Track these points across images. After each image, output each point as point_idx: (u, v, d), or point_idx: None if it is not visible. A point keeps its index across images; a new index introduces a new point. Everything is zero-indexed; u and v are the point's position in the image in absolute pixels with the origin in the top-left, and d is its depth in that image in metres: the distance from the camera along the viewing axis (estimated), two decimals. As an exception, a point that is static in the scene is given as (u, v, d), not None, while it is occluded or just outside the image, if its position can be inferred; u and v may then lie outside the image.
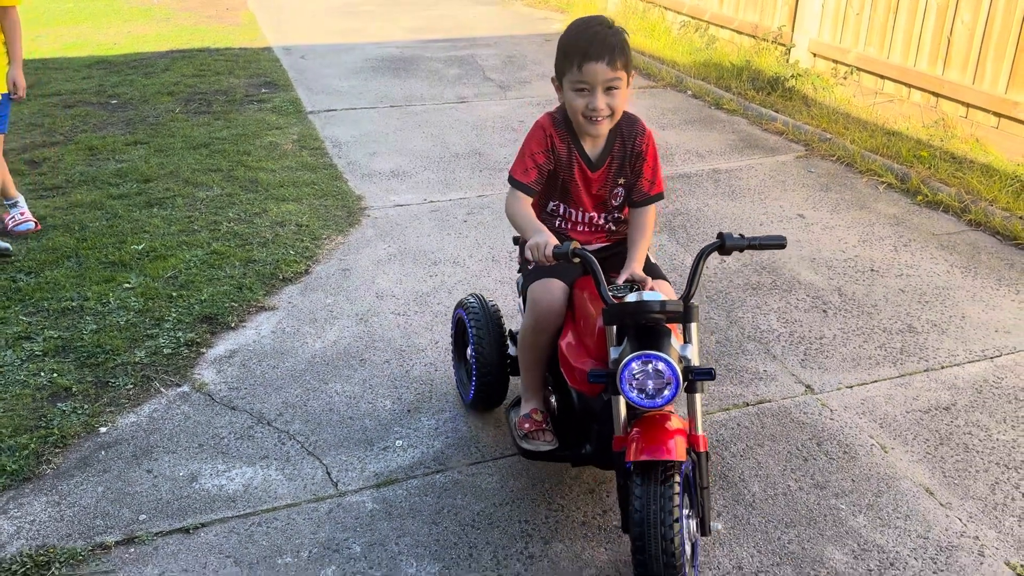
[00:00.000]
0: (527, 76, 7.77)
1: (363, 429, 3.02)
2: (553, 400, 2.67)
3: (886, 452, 2.92)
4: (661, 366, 2.09)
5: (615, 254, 2.62)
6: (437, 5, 11.13)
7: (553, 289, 2.52)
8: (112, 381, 3.24)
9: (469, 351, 2.93)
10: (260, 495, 2.70)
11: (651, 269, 2.60)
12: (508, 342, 2.94)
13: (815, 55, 7.30)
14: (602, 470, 2.69)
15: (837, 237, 4.56)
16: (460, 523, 2.58)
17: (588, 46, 2.39)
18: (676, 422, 2.19)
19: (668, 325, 2.22)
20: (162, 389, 3.22)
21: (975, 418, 3.09)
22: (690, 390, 2.20)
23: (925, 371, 3.38)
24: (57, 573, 2.39)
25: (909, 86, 6.36)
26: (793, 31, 7.44)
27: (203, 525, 2.58)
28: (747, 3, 8.13)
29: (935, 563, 2.45)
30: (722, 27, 8.49)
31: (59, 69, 7.77)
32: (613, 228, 2.71)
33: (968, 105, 5.87)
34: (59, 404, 3.09)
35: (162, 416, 3.07)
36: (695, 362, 2.21)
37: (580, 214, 2.66)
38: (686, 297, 2.24)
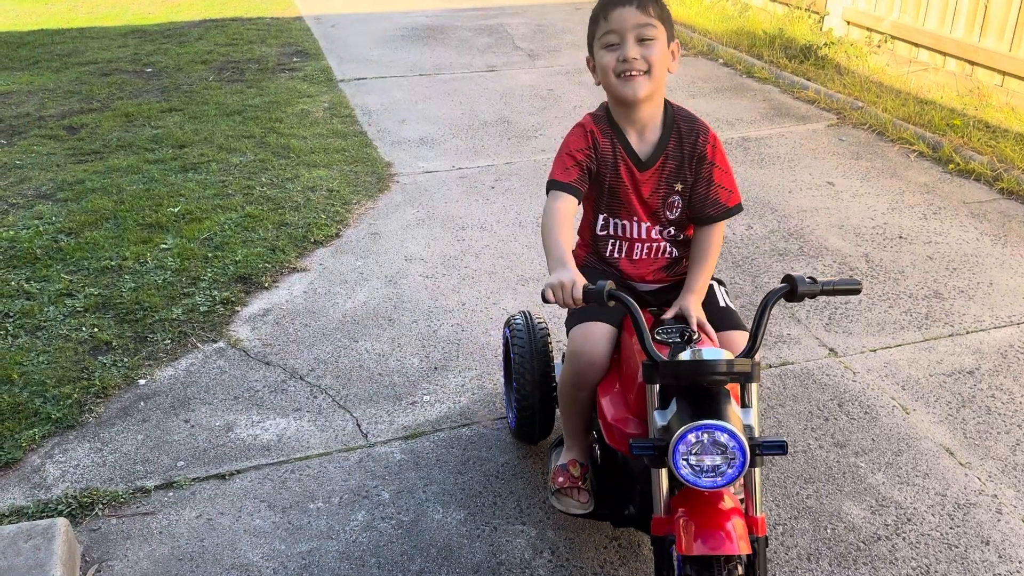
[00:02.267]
0: (557, 45, 7.76)
1: (392, 385, 3.10)
2: (598, 449, 2.29)
3: (907, 413, 2.94)
4: (724, 438, 1.69)
5: (679, 294, 2.20)
6: (467, -25, 11.10)
7: (596, 338, 2.15)
8: (150, 336, 3.35)
9: (511, 377, 2.68)
10: (293, 444, 2.80)
11: (723, 315, 2.20)
12: (555, 370, 2.62)
13: (849, 23, 7.20)
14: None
15: (866, 205, 4.55)
16: (485, 473, 2.66)
17: None
18: (729, 501, 1.80)
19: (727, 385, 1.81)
20: (198, 344, 3.32)
21: (999, 382, 3.10)
22: (751, 463, 1.75)
23: (950, 336, 3.39)
24: (100, 513, 2.51)
25: (944, 54, 6.27)
26: (827, -1, 7.34)
27: (238, 472, 2.68)
28: (781, -29, 8.02)
29: (952, 519, 2.48)
30: (755, -5, 8.39)
31: (95, 38, 7.89)
32: (676, 254, 2.27)
33: (1004, 73, 5.78)
34: (100, 357, 3.21)
35: (199, 370, 3.18)
36: (757, 430, 1.81)
37: (636, 227, 2.24)
38: (750, 352, 1.82)
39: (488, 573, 2.31)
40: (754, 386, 1.82)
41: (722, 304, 2.25)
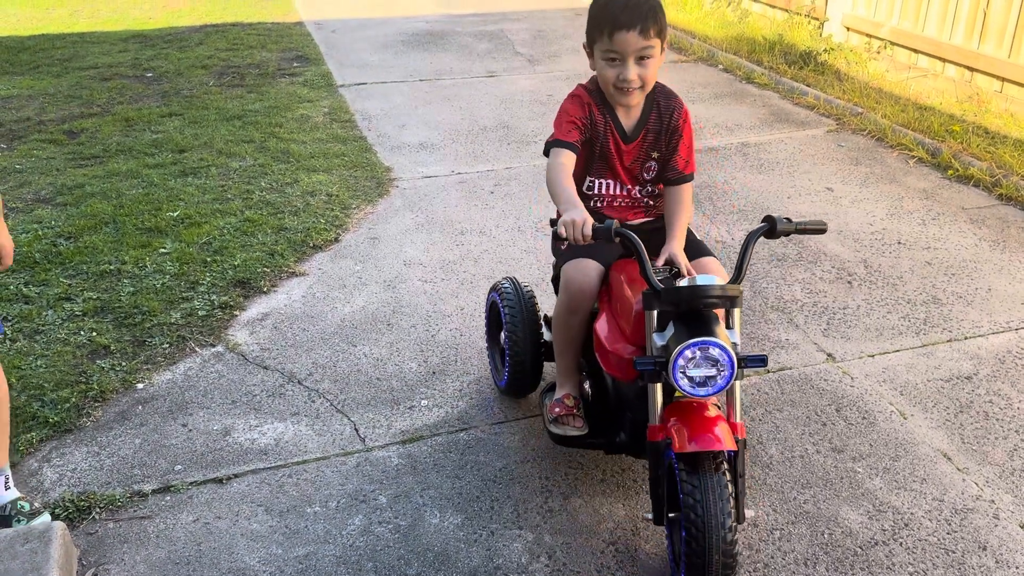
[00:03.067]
0: (557, 50, 7.78)
1: (390, 389, 3.10)
2: (587, 386, 2.58)
3: (905, 418, 2.94)
4: (717, 352, 1.98)
5: (657, 229, 2.52)
6: (468, -20, 11.13)
7: (588, 269, 2.43)
8: (149, 340, 3.35)
9: (503, 335, 2.88)
10: (291, 449, 2.80)
11: (696, 246, 2.51)
12: (543, 327, 2.87)
13: (848, 29, 7.22)
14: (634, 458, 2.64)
15: (865, 210, 4.55)
16: (482, 478, 2.66)
17: (619, 13, 2.28)
18: (713, 410, 2.10)
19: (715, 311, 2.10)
20: (196, 349, 3.32)
21: (996, 387, 3.10)
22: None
23: (948, 341, 3.39)
24: (97, 517, 2.51)
25: (943, 60, 6.28)
26: (827, 5, 7.36)
27: (236, 476, 2.68)
28: (780, -23, 8.04)
29: (949, 524, 2.48)
30: (755, 1, 8.41)
31: (96, 43, 7.91)
32: (651, 203, 2.60)
33: (1003, 79, 5.79)
34: (98, 361, 3.21)
35: (196, 374, 3.18)
36: (738, 347, 2.09)
37: (618, 186, 2.56)
38: (736, 279, 2.14)
39: (485, 578, 2.31)
40: (737, 311, 2.13)
41: (696, 239, 2.58)
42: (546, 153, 2.44)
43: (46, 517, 2.42)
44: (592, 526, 2.47)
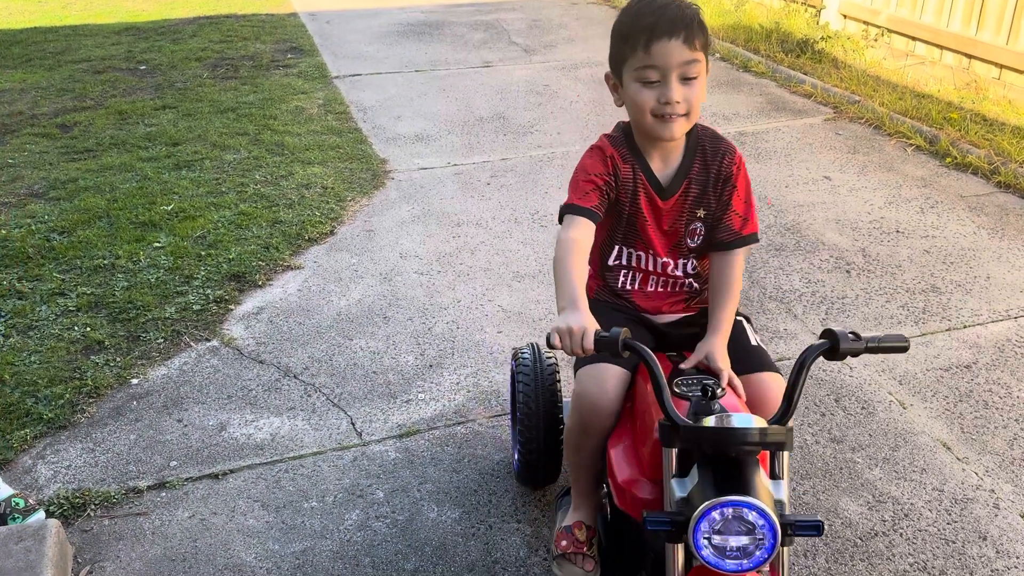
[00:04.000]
0: (553, 40, 7.73)
1: (386, 383, 3.08)
2: (608, 506, 2.05)
3: (904, 408, 2.93)
4: (753, 516, 1.47)
5: (701, 326, 2.02)
6: (463, -30, 11.06)
7: (606, 380, 1.95)
8: (143, 335, 3.33)
9: (517, 416, 2.47)
10: (287, 443, 2.78)
11: (752, 355, 2.00)
12: (563, 410, 2.43)
13: (845, 16, 7.18)
14: None
15: (863, 199, 4.53)
16: (480, 472, 2.64)
17: (657, 20, 1.82)
18: None
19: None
20: (192, 343, 3.30)
21: (996, 376, 3.09)
22: (781, 543, 1.52)
23: (947, 330, 3.37)
24: (92, 514, 2.49)
25: (941, 47, 6.25)
26: (823, -8, 7.32)
27: (232, 471, 2.66)
28: (777, -36, 8.00)
29: (949, 514, 2.47)
30: (751, -11, 8.37)
31: (89, 36, 7.86)
32: (695, 286, 2.10)
33: (1001, 66, 5.76)
34: (92, 357, 3.19)
35: (192, 369, 3.16)
36: (788, 506, 1.58)
37: (652, 261, 2.06)
38: (783, 416, 1.61)
39: (483, 572, 2.30)
40: (786, 454, 1.59)
41: (753, 343, 2.04)
42: (560, 220, 1.97)
43: (41, 514, 2.41)
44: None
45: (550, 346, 1.70)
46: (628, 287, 2.10)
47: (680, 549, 1.58)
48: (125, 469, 2.67)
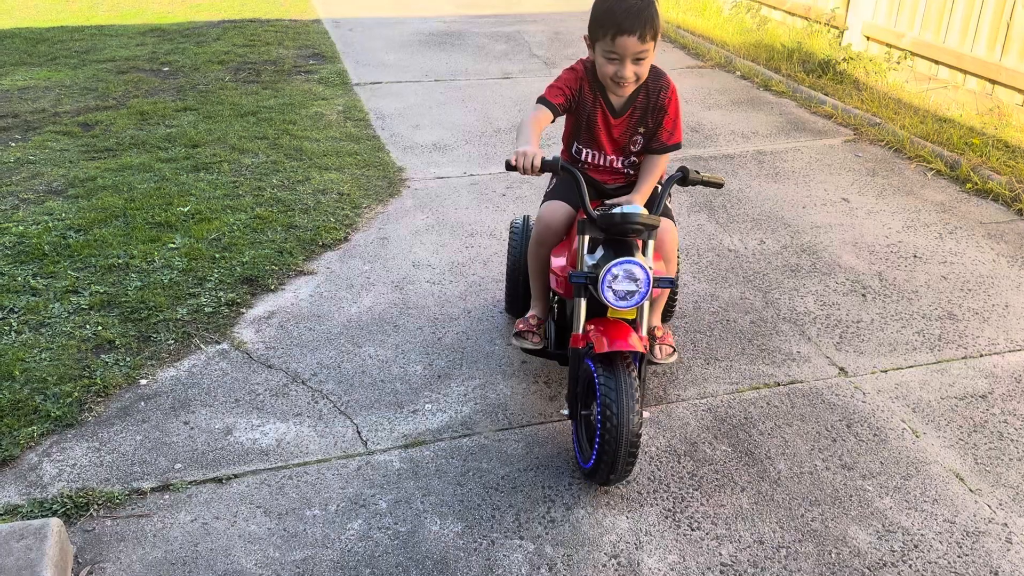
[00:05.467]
0: (573, 53, 7.73)
1: (394, 392, 3.07)
2: (555, 308, 3.05)
3: (917, 437, 2.89)
4: (638, 271, 2.40)
5: (630, 190, 2.89)
6: (487, -19, 11.10)
7: (557, 209, 2.84)
8: (154, 336, 3.33)
9: (507, 261, 3.35)
10: (292, 450, 2.77)
11: (659, 208, 2.73)
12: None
13: (868, 38, 7.14)
14: None
15: (881, 222, 4.49)
16: (484, 486, 2.62)
17: (623, 19, 2.54)
18: (625, 324, 2.52)
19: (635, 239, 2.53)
20: (202, 346, 3.30)
21: (1012, 407, 3.04)
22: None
23: (963, 358, 3.32)
24: (95, 514, 2.49)
25: (964, 72, 6.20)
26: (847, 13, 7.29)
27: (236, 476, 2.65)
28: (801, -16, 7.97)
29: (960, 547, 2.42)
30: (774, 8, 8.35)
31: (115, 36, 7.93)
32: (631, 173, 2.94)
33: (1025, 93, 5.71)
34: (102, 356, 3.20)
35: (201, 371, 3.16)
36: (651, 271, 2.48)
37: (601, 157, 2.89)
38: (652, 213, 2.52)
39: (484, 588, 2.27)
40: (652, 242, 2.55)
41: (667, 205, 2.89)
42: (539, 100, 2.81)
43: None
44: (595, 538, 2.43)
45: (508, 167, 2.56)
46: (587, 163, 2.93)
47: (584, 302, 2.55)
48: (130, 470, 2.67)
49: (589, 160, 2.93)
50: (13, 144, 5.25)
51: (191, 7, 9.32)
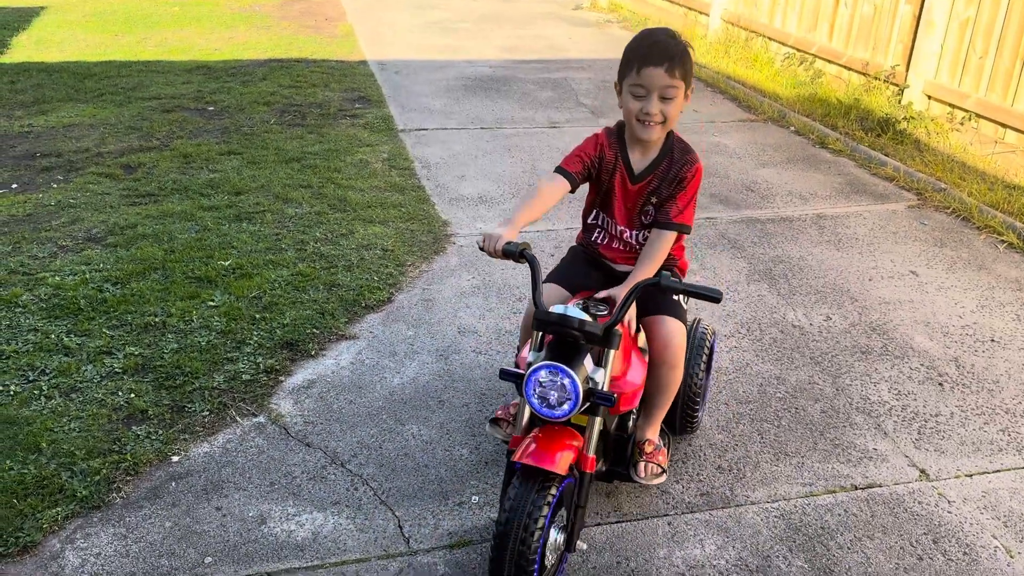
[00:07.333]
0: (622, 103, 7.58)
1: (438, 479, 2.87)
2: None
3: (1012, 557, 2.62)
4: (566, 381, 2.15)
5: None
6: (532, 24, 11.03)
7: (550, 293, 2.67)
8: (188, 406, 3.17)
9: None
10: (329, 545, 2.57)
11: (660, 303, 2.61)
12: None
13: (930, 97, 6.91)
14: None
15: (953, 300, 4.23)
16: (538, 599, 2.40)
17: (649, 51, 2.46)
18: (573, 440, 2.26)
19: (592, 346, 2.26)
20: (237, 418, 3.13)
21: (1117, 526, 2.77)
22: (591, 412, 2.26)
23: (1056, 464, 3.06)
24: (118, 615, 2.30)
25: (1035, 137, 5.94)
26: (908, 71, 7.06)
27: (269, 574, 2.46)
28: (858, 39, 7.77)
29: None
30: (829, 62, 8.14)
31: (161, 72, 7.93)
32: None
33: (1102, 161, 5.43)
34: (134, 427, 3.04)
35: (236, 448, 2.98)
36: (603, 388, 2.24)
37: (615, 227, 2.73)
38: (610, 325, 2.24)
39: None
40: (612, 352, 2.27)
41: (673, 299, 2.67)
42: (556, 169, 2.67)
43: None
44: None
45: (480, 248, 2.38)
46: (599, 241, 2.80)
47: (527, 405, 2.26)
48: (157, 562, 2.49)
49: (601, 233, 2.77)
50: (55, 185, 5.18)
51: (238, 45, 9.32)
